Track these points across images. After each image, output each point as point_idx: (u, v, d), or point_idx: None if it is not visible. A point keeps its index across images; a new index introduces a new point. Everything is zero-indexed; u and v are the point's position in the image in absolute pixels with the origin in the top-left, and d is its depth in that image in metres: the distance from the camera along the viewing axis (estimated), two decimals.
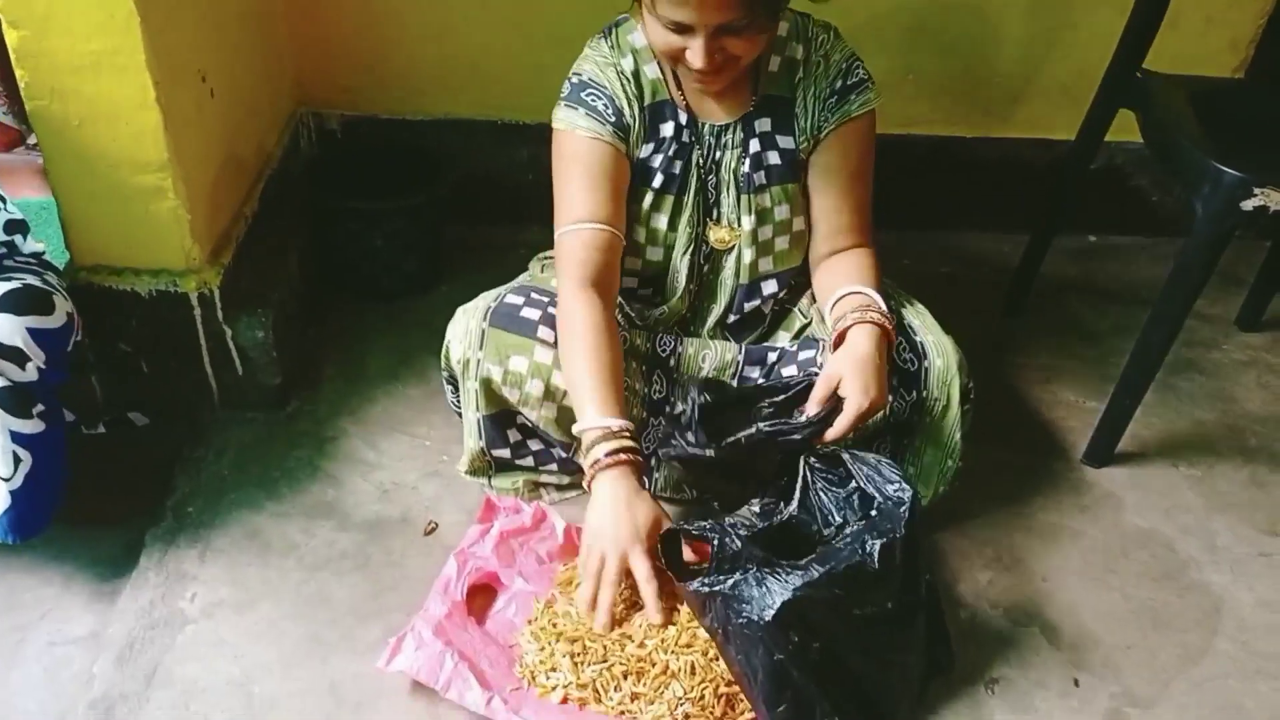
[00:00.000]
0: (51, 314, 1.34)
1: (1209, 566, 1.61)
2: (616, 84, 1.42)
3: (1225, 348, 2.14)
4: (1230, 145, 1.56)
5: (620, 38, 1.44)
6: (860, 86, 1.45)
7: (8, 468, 1.27)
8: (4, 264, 1.44)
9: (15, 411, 1.27)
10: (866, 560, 1.17)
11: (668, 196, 1.47)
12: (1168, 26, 1.81)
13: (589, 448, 1.32)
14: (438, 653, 1.27)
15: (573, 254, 1.40)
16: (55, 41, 1.36)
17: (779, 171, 1.47)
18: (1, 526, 1.29)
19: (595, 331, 1.36)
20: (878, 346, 1.36)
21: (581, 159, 1.42)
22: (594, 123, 1.41)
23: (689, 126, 1.45)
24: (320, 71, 2.14)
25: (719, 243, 1.50)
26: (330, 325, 1.97)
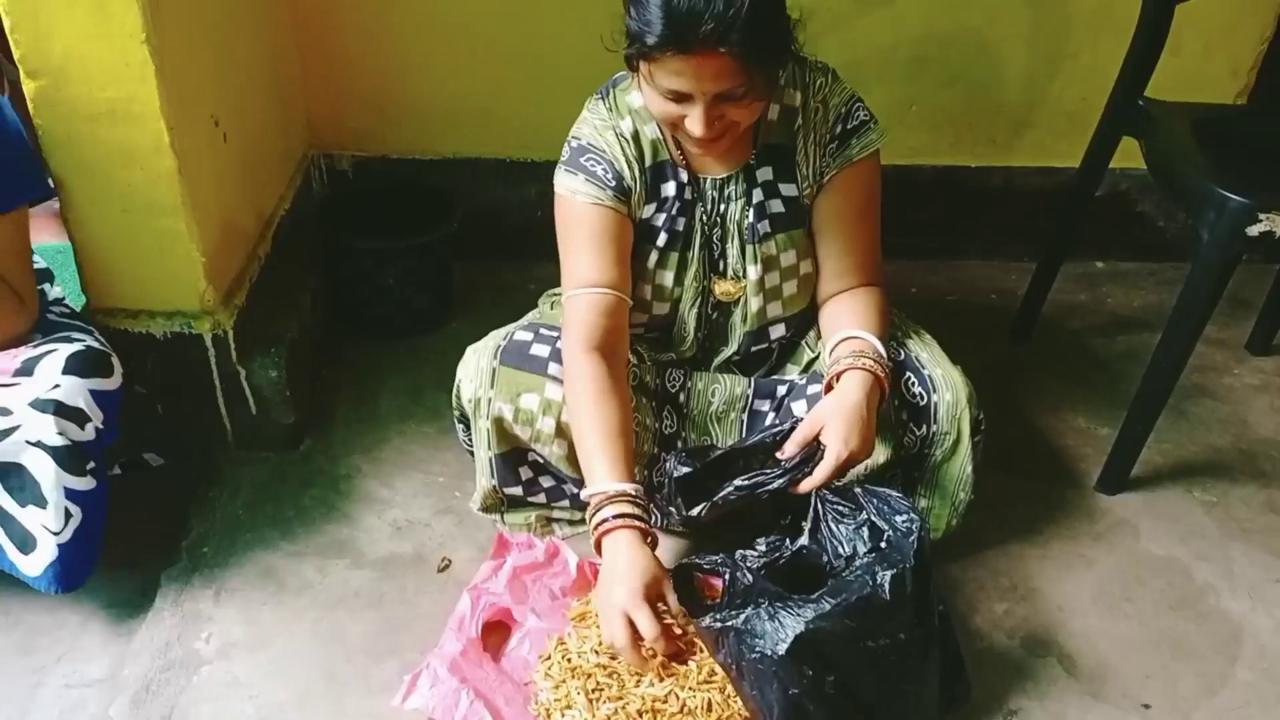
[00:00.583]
0: (110, 376, 1.39)
1: (1227, 593, 1.59)
2: (616, 147, 1.42)
3: (1237, 372, 2.13)
4: (1234, 171, 1.57)
5: (617, 99, 1.44)
6: (861, 129, 1.44)
7: (59, 522, 1.31)
8: (47, 317, 1.48)
9: (71, 469, 1.31)
10: (878, 591, 1.17)
11: (672, 254, 1.48)
12: (1169, 53, 1.83)
13: (594, 511, 1.32)
14: (453, 690, 1.27)
15: (578, 318, 1.40)
16: (72, 90, 1.39)
17: (783, 219, 1.47)
18: (47, 577, 1.32)
19: (601, 394, 1.36)
20: (868, 395, 1.36)
21: (584, 225, 1.42)
22: (594, 188, 1.41)
23: (690, 184, 1.45)
24: (331, 113, 2.17)
25: (724, 295, 1.51)
26: (342, 364, 1.98)
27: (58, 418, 1.28)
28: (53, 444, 1.28)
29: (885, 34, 2.15)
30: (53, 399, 1.29)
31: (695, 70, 1.22)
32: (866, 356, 1.39)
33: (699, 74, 1.22)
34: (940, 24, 2.16)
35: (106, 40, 1.35)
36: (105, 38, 1.35)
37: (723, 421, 1.57)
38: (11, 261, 1.40)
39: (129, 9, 1.33)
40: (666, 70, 1.23)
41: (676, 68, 1.22)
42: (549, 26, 2.07)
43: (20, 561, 1.33)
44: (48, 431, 1.28)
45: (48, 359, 1.34)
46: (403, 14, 2.06)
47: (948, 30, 2.17)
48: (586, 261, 1.42)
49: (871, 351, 1.40)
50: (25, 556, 1.32)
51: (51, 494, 1.29)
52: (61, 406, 1.29)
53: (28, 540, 1.32)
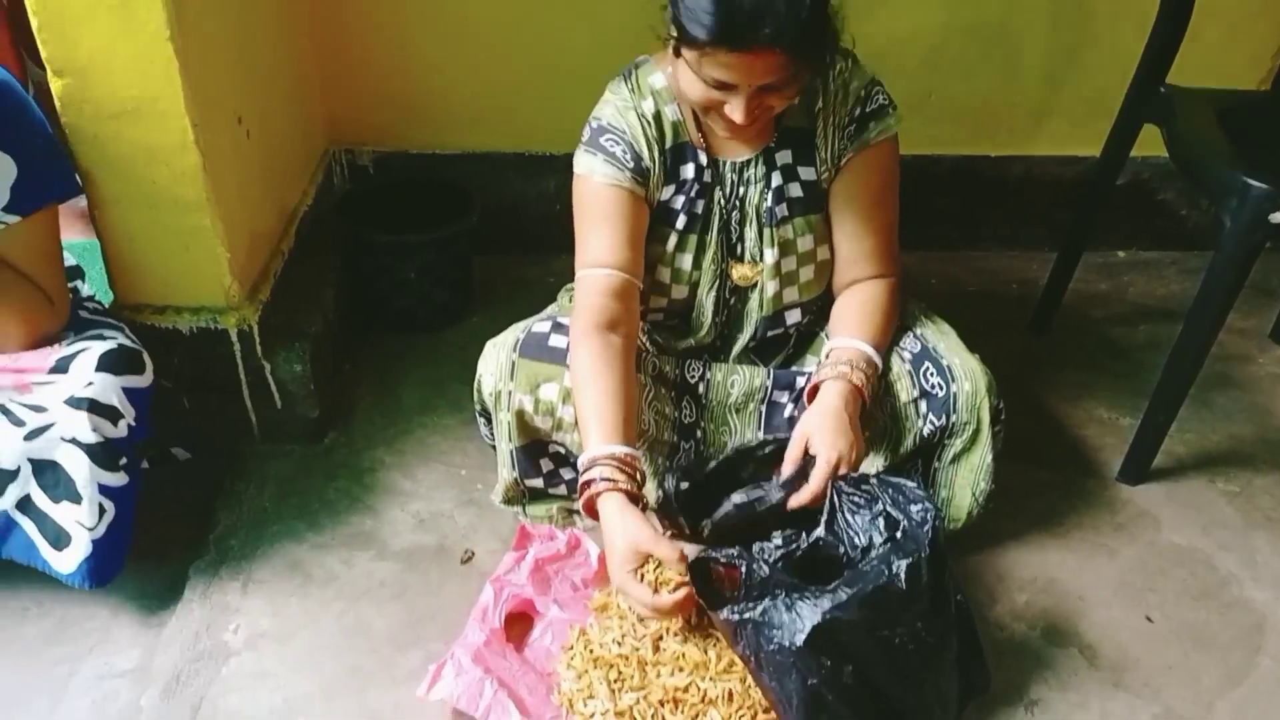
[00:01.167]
0: (142, 373, 1.41)
1: (1250, 583, 1.59)
2: (637, 127, 1.43)
3: (1260, 361, 2.12)
4: (1257, 157, 1.55)
5: (640, 80, 1.45)
6: (879, 113, 1.44)
7: (93, 518, 1.33)
8: (79, 315, 1.50)
9: (106, 465, 1.33)
10: (894, 581, 1.17)
11: (691, 236, 1.48)
12: (1190, 40, 1.81)
13: (585, 472, 1.35)
14: (477, 680, 1.29)
15: (586, 299, 1.42)
16: (98, 89, 1.41)
17: (801, 203, 1.48)
18: (80, 573, 1.35)
19: (602, 366, 1.37)
20: (847, 404, 1.37)
21: (600, 205, 1.43)
22: (612, 169, 1.42)
23: (710, 166, 1.46)
24: (352, 110, 2.18)
25: (742, 279, 1.51)
26: (365, 357, 2.00)
27: (91, 414, 1.30)
28: (87, 441, 1.30)
29: (904, 24, 2.14)
30: (87, 396, 1.31)
31: (747, 66, 1.22)
32: (852, 366, 1.39)
33: (750, 69, 1.22)
34: (960, 14, 2.15)
35: (132, 39, 1.37)
36: (131, 37, 1.36)
37: (741, 412, 1.58)
38: (41, 262, 1.41)
39: (154, 9, 1.34)
40: (715, 63, 1.23)
41: (726, 61, 1.22)
42: (566, 21, 2.08)
43: (53, 558, 1.35)
44: (82, 428, 1.30)
45: (81, 357, 1.36)
46: (421, 11, 2.06)
47: (967, 20, 2.16)
48: (599, 242, 1.43)
49: (861, 361, 1.41)
50: (59, 553, 1.34)
51: (85, 490, 1.32)
52: (95, 404, 1.31)
53: (61, 536, 1.34)
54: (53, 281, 1.43)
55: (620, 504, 1.31)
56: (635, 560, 1.28)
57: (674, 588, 1.27)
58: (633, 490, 1.33)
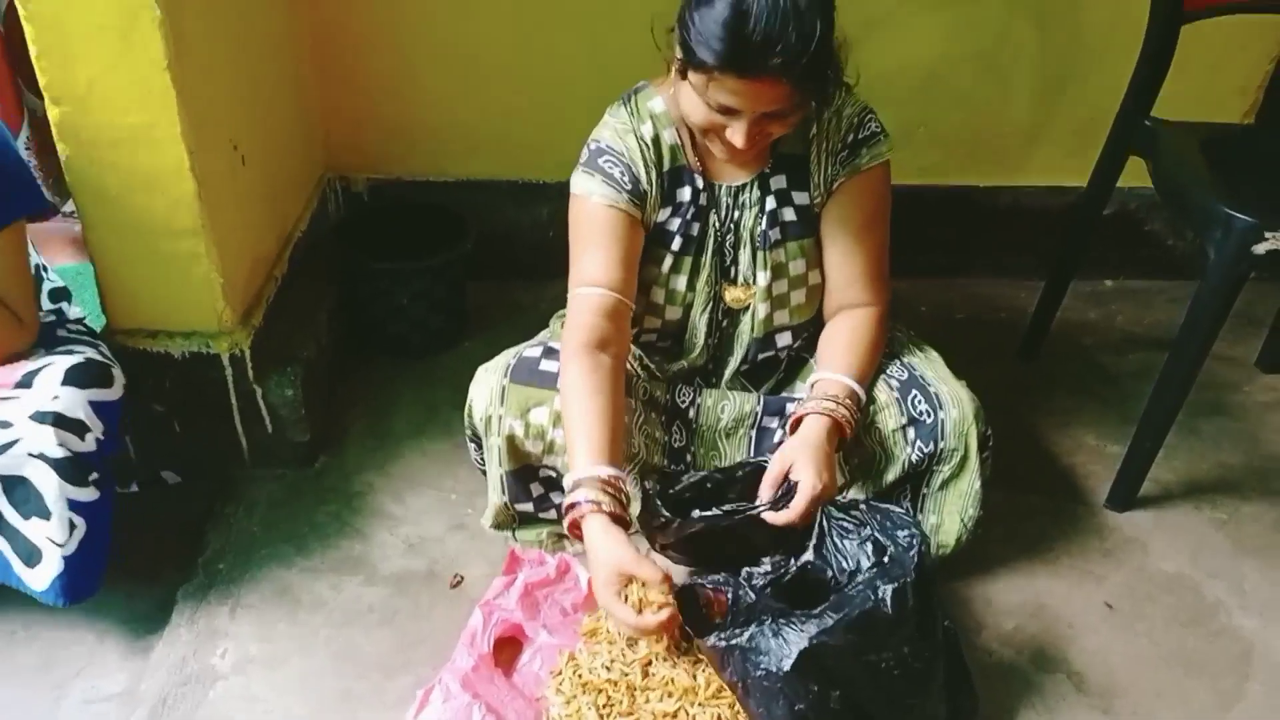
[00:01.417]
0: (110, 387, 1.40)
1: (1238, 611, 1.59)
2: (635, 150, 1.45)
3: (1247, 390, 2.13)
4: (1241, 190, 1.57)
5: (639, 104, 1.47)
6: (871, 140, 1.47)
7: (63, 534, 1.32)
8: (57, 333, 1.50)
9: (74, 480, 1.32)
10: (880, 605, 1.18)
11: (686, 258, 1.50)
12: (1176, 72, 1.84)
13: (570, 493, 1.35)
14: (465, 705, 1.28)
15: (578, 318, 1.43)
16: (96, 116, 1.42)
17: (795, 228, 1.49)
18: (53, 590, 1.33)
19: (591, 387, 1.38)
20: (829, 437, 1.39)
21: (595, 225, 1.44)
22: (610, 190, 1.44)
23: (706, 190, 1.48)
24: (347, 137, 2.20)
25: (734, 302, 1.53)
26: (357, 383, 2.01)
27: (57, 429, 1.29)
28: (54, 455, 1.29)
29: (894, 56, 2.17)
30: (52, 410, 1.30)
31: (753, 93, 1.24)
32: (836, 402, 1.41)
33: (756, 97, 1.24)
34: (949, 45, 2.18)
35: (130, 69, 1.38)
36: (129, 66, 1.38)
37: (732, 438, 1.58)
38: (8, 280, 1.40)
39: (152, 38, 1.36)
40: (721, 88, 1.24)
41: (733, 88, 1.24)
42: (561, 50, 2.10)
43: (26, 576, 1.34)
44: (48, 443, 1.29)
45: (46, 371, 1.35)
46: (418, 40, 2.09)
47: (957, 51, 2.19)
48: (593, 262, 1.44)
49: (844, 396, 1.42)
50: (31, 570, 1.33)
51: (55, 506, 1.30)
52: (61, 418, 1.30)
53: (33, 554, 1.33)
54: (21, 299, 1.42)
55: (603, 525, 1.31)
56: (618, 581, 1.28)
57: (657, 608, 1.27)
58: (616, 512, 1.33)
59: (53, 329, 1.51)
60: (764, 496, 1.37)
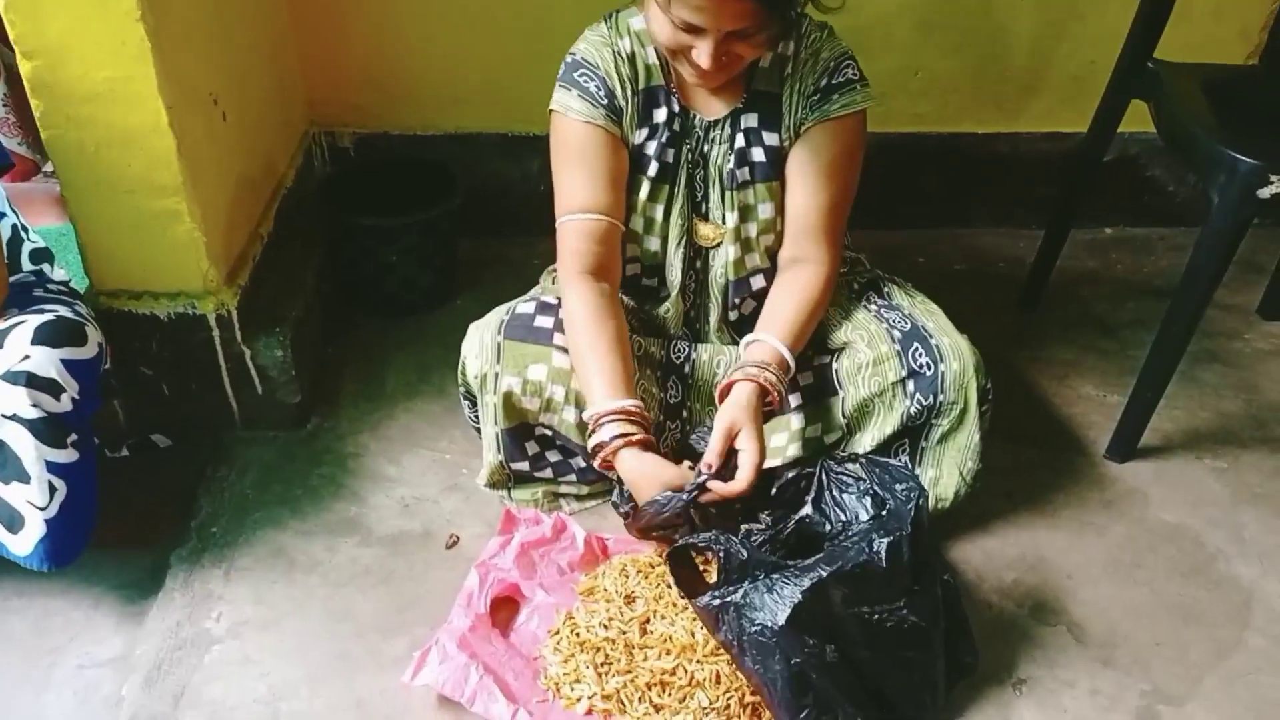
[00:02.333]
0: (84, 345, 1.36)
1: (1238, 559, 1.59)
2: (611, 64, 1.43)
3: (1248, 337, 2.12)
4: (1245, 133, 1.55)
5: (620, 21, 1.45)
6: (845, 86, 1.42)
7: (44, 497, 1.29)
8: (34, 294, 1.47)
9: (51, 442, 1.29)
10: (874, 558, 1.17)
11: (662, 186, 1.48)
12: (1178, 15, 1.80)
13: (591, 435, 1.35)
14: (462, 666, 1.28)
15: (570, 245, 1.42)
16: (69, 71, 1.38)
17: (763, 169, 1.47)
18: (37, 555, 1.31)
19: (597, 316, 1.39)
20: (759, 401, 1.37)
21: (576, 145, 1.43)
22: (586, 105, 1.41)
23: (680, 115, 1.45)
24: (331, 90, 2.15)
25: (704, 239, 1.51)
26: (348, 342, 1.98)
27: (30, 389, 1.26)
28: (28, 417, 1.26)
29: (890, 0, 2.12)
30: (24, 370, 1.27)
31: (715, 8, 1.22)
32: (765, 368, 1.38)
33: (719, 12, 1.22)
34: None
35: (102, 20, 1.34)
36: (101, 17, 1.33)
37: None
38: None
39: None
40: (684, 3, 1.23)
41: (697, 3, 1.22)
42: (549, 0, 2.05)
43: (9, 541, 1.31)
44: (21, 404, 1.26)
45: (16, 331, 1.32)
46: None
47: None
48: (577, 184, 1.42)
49: (775, 363, 1.39)
50: (14, 535, 1.30)
51: (33, 468, 1.27)
52: (33, 378, 1.27)
53: (15, 519, 1.30)
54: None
55: (637, 454, 1.33)
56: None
57: None
58: (646, 439, 1.35)
59: (30, 290, 1.48)
60: (713, 464, 1.33)
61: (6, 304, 1.41)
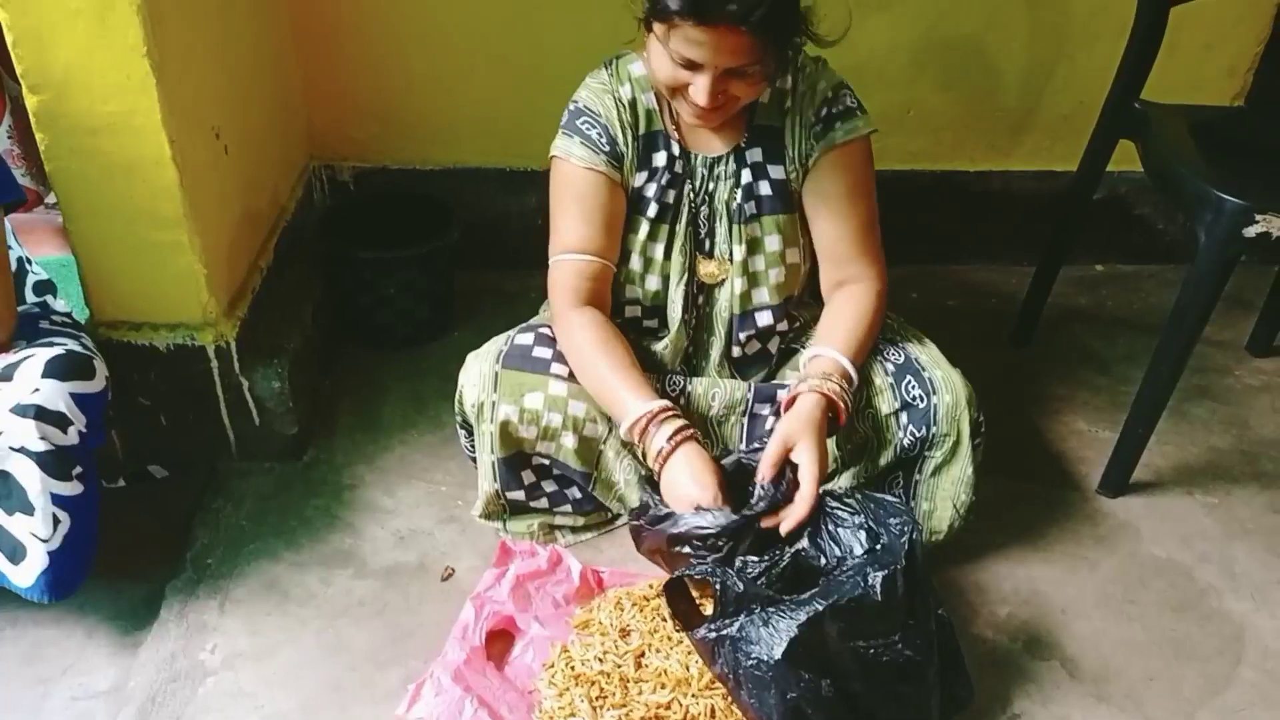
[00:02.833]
0: (92, 379, 1.38)
1: (1229, 594, 1.60)
2: (613, 111, 1.45)
3: (1237, 373, 2.14)
4: (1231, 172, 1.57)
5: (620, 67, 1.48)
6: (845, 115, 1.46)
7: (47, 529, 1.30)
8: (40, 325, 1.48)
9: (56, 474, 1.30)
10: (869, 592, 1.17)
11: (662, 226, 1.50)
12: (1166, 55, 1.83)
13: (644, 438, 1.36)
14: (457, 699, 1.27)
15: (564, 281, 1.45)
16: (74, 104, 1.40)
17: (770, 202, 1.49)
18: (39, 587, 1.31)
19: (603, 337, 1.42)
20: (823, 415, 1.38)
21: (576, 188, 1.45)
22: (588, 152, 1.44)
23: (681, 158, 1.48)
24: (331, 124, 2.18)
25: (708, 277, 1.53)
26: (345, 374, 1.99)
27: (39, 422, 1.27)
28: (36, 449, 1.27)
29: (883, 38, 2.16)
30: (33, 403, 1.28)
31: (713, 43, 1.24)
32: (830, 379, 1.39)
33: (716, 47, 1.25)
34: (938, 29, 2.17)
35: (108, 54, 1.36)
36: (107, 52, 1.36)
37: (723, 425, 1.58)
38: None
39: (130, 23, 1.34)
40: (682, 37, 1.25)
41: (694, 37, 1.24)
42: (548, 37, 2.08)
43: (11, 572, 1.31)
44: (30, 437, 1.26)
45: (27, 364, 1.33)
46: (403, 26, 2.07)
47: (945, 35, 2.18)
48: (573, 226, 1.45)
49: (838, 374, 1.41)
50: (16, 567, 1.31)
51: (38, 500, 1.28)
52: (42, 411, 1.28)
53: (18, 549, 1.30)
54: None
55: (699, 450, 1.36)
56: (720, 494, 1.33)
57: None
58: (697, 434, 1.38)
59: (36, 321, 1.49)
60: (764, 475, 1.35)
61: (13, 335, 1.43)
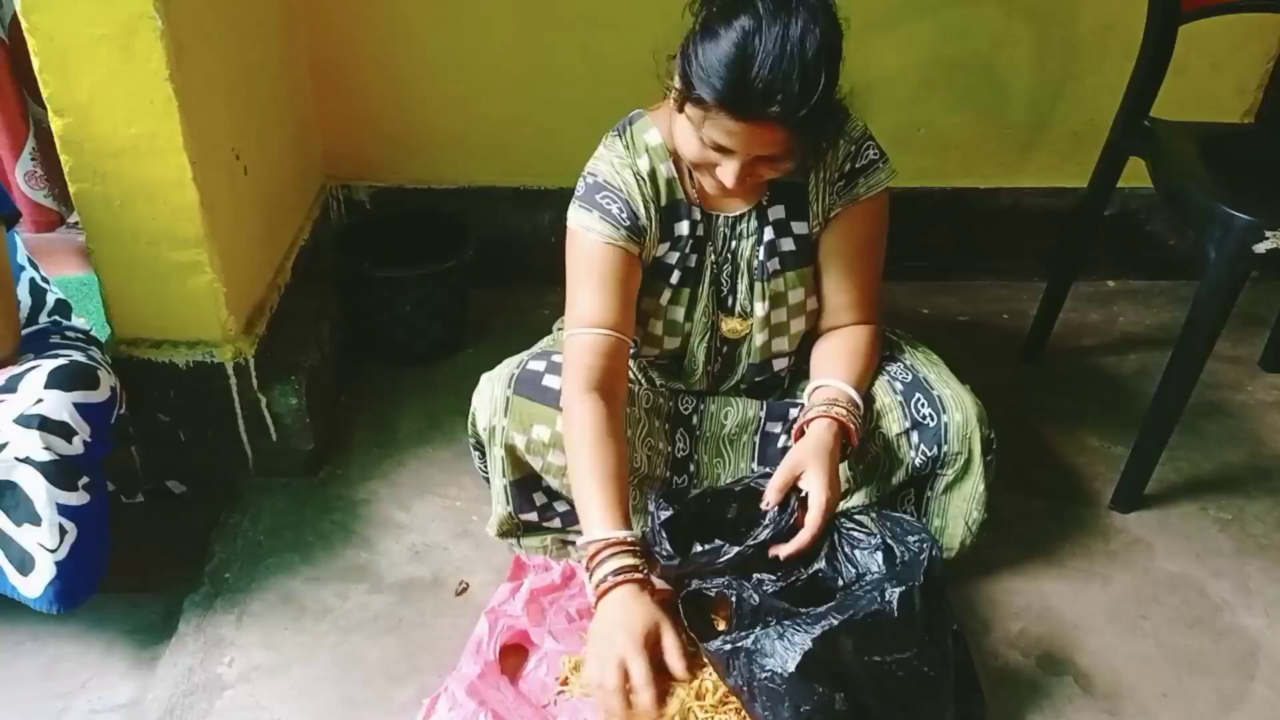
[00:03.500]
0: (97, 389, 1.39)
1: (1243, 610, 1.59)
2: (633, 186, 1.42)
3: (1250, 389, 2.13)
4: (1240, 189, 1.58)
5: (635, 137, 1.44)
6: (870, 169, 1.44)
7: (54, 540, 1.30)
8: (50, 340, 1.50)
9: (62, 484, 1.30)
10: (886, 608, 1.18)
11: (684, 290, 1.48)
12: (1174, 73, 1.84)
13: (593, 563, 1.31)
14: (471, 713, 1.28)
15: (578, 359, 1.40)
16: (98, 127, 1.43)
17: (793, 257, 1.47)
18: (47, 597, 1.32)
19: (597, 438, 1.35)
20: (834, 440, 1.38)
21: (593, 262, 1.41)
22: (607, 227, 1.41)
23: (702, 221, 1.46)
24: (348, 145, 2.21)
25: (731, 333, 1.52)
26: (361, 391, 2.01)
27: (43, 432, 1.28)
28: (41, 459, 1.28)
29: (892, 58, 2.18)
30: (37, 414, 1.29)
31: (747, 135, 1.21)
32: (838, 405, 1.40)
33: (750, 139, 1.22)
34: (947, 48, 2.19)
35: (131, 78, 1.39)
36: (130, 75, 1.39)
37: (735, 444, 1.58)
38: None
39: (153, 49, 1.37)
40: (717, 126, 1.22)
41: (729, 127, 1.21)
42: (559, 57, 2.11)
43: (20, 583, 1.32)
44: (34, 447, 1.27)
45: (30, 375, 1.34)
46: (417, 47, 2.10)
47: (954, 54, 2.20)
48: (591, 300, 1.41)
49: (844, 400, 1.41)
50: (24, 578, 1.31)
51: (45, 511, 1.28)
52: (46, 421, 1.29)
53: (26, 560, 1.31)
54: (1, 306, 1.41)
55: (637, 590, 1.28)
56: (651, 642, 1.25)
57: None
58: (646, 578, 1.30)
59: (47, 337, 1.51)
60: (771, 500, 1.35)
61: (22, 350, 1.45)
